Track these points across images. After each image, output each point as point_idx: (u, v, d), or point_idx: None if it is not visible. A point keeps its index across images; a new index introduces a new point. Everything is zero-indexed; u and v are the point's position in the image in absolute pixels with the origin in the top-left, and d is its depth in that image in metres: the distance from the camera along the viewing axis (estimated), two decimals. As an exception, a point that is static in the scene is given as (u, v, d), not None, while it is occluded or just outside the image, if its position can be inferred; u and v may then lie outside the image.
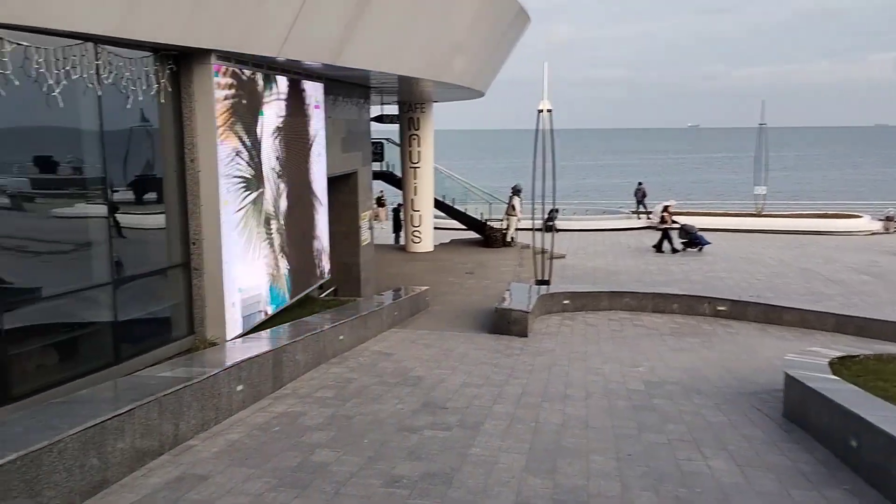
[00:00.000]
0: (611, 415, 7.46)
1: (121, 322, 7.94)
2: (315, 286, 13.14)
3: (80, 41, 7.20)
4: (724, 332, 13.66)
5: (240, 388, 6.84)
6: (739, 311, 14.82)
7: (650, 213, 32.97)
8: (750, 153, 40.68)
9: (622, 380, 9.22)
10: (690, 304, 15.08)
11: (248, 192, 9.95)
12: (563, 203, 28.90)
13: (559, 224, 23.55)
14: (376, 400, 7.65)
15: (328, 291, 15.05)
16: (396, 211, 28.40)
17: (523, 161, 27.30)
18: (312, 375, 8.56)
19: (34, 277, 6.96)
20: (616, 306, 15.21)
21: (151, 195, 8.71)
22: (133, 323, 8.25)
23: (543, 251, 17.77)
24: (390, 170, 26.87)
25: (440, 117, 26.21)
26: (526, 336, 12.27)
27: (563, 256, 22.92)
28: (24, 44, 6.53)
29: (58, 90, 6.92)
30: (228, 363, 6.75)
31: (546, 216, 18.15)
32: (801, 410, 7.05)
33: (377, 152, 25.13)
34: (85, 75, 7.30)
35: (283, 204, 11.42)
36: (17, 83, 6.45)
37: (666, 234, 25.40)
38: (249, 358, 7.10)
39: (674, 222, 26.06)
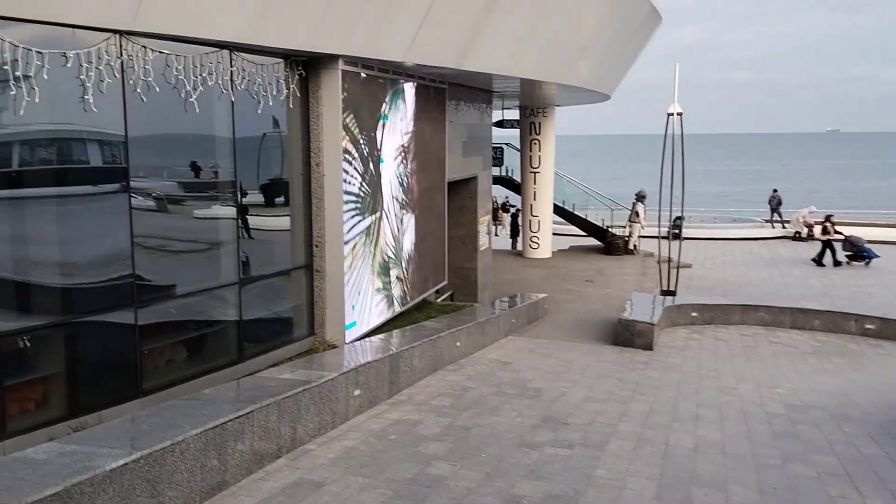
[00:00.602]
0: (749, 440, 6.87)
1: (246, 321, 8.11)
2: (432, 290, 13.07)
3: (217, 48, 7.40)
4: (875, 353, 12.48)
5: (357, 392, 6.77)
6: (892, 330, 13.52)
7: (786, 222, 30.98)
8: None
9: (759, 402, 8.54)
10: (835, 321, 13.91)
11: (364, 211, 9.99)
12: (690, 210, 27.67)
13: (685, 232, 22.49)
14: (494, 411, 7.41)
15: (445, 296, 14.97)
16: (514, 216, 28.11)
17: (648, 166, 26.33)
18: (429, 382, 8.42)
19: (168, 276, 7.19)
20: (749, 321, 14.26)
21: (278, 198, 8.86)
22: (257, 322, 8.41)
23: (669, 260, 17.00)
24: (509, 175, 26.66)
25: (561, 122, 25.67)
26: (651, 349, 11.68)
27: (689, 266, 21.88)
28: (165, 52, 6.77)
29: (195, 96, 7.14)
30: (346, 367, 6.70)
31: (672, 223, 17.36)
32: (975, 448, 6.22)
33: (497, 157, 24.99)
34: (220, 81, 7.50)
35: (405, 208, 11.42)
36: (157, 90, 6.69)
37: (829, 246, 23.61)
38: (367, 363, 7.03)
39: (837, 233, 24.17)
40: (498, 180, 25.83)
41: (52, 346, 6.11)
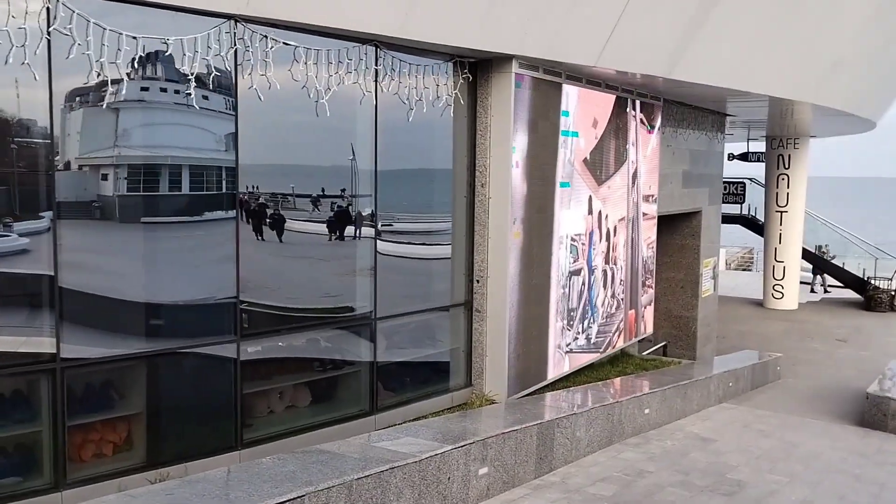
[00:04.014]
0: None
1: (381, 365, 6.95)
2: (632, 340, 11.15)
3: (359, 43, 6.42)
4: None
5: (483, 471, 5.30)
6: None
7: None
8: None
9: None
10: None
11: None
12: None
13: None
14: (671, 513, 5.55)
15: (654, 348, 12.88)
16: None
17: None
18: (596, 459, 6.70)
19: (284, 306, 6.24)
20: None
21: (432, 223, 7.68)
22: (398, 367, 7.25)
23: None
24: (752, 214, 23.63)
25: (813, 161, 22.31)
26: (912, 438, 8.93)
27: (980, 332, 17.57)
28: (292, 44, 5.89)
29: (325, 98, 6.19)
30: (467, 438, 5.25)
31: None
32: None
33: (738, 193, 22.34)
34: (361, 83, 6.51)
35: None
36: (278, 87, 5.83)
37: None
38: (501, 433, 5.52)
39: None
40: (737, 219, 23.14)
41: (134, 381, 5.33)
